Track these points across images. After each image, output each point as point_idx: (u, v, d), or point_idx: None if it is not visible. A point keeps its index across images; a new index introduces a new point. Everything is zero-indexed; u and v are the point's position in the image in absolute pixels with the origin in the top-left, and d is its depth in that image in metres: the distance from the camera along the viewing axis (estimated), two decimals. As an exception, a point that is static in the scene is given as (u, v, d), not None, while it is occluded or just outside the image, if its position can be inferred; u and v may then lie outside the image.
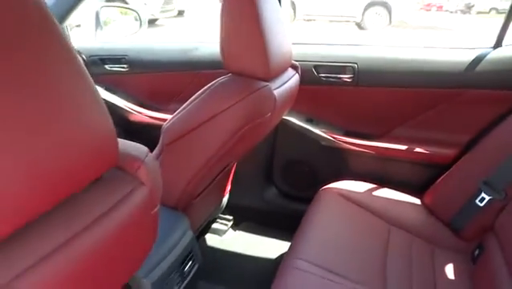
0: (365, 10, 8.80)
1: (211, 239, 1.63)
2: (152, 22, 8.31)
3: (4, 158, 0.33)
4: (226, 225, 1.68)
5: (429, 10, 14.68)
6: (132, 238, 0.51)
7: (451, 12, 14.51)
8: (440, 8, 14.84)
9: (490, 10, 13.48)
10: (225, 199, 1.58)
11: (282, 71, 1.11)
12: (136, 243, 0.54)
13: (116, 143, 0.46)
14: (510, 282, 0.92)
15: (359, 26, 9.00)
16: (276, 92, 1.03)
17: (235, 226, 1.71)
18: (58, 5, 1.41)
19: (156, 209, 0.55)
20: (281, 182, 1.66)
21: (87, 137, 0.41)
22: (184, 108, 0.99)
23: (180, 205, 1.08)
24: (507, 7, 1.26)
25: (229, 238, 1.65)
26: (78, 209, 0.43)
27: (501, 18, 1.29)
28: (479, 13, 13.72)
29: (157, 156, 1.02)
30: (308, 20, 9.40)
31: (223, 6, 0.95)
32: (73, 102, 0.39)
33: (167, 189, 0.99)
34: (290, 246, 1.11)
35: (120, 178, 0.49)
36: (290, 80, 1.15)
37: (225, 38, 0.97)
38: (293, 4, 8.84)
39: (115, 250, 0.48)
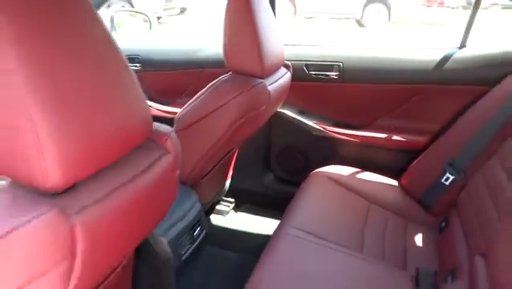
0: (365, 7, 8.93)
1: (215, 219, 1.84)
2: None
3: (81, 125, 0.52)
4: (229, 206, 1.88)
5: (430, 6, 14.74)
6: (160, 191, 0.71)
7: (452, 8, 14.56)
8: (441, 4, 14.88)
9: (491, 5, 13.57)
10: (228, 183, 1.78)
11: (276, 69, 1.31)
12: (163, 196, 0.74)
13: (151, 121, 0.66)
14: (466, 249, 1.11)
15: (359, 23, 9.14)
16: (270, 88, 1.23)
17: (237, 208, 1.91)
18: None
19: (177, 172, 0.75)
20: (277, 168, 1.86)
21: (132, 114, 0.60)
22: (192, 102, 1.19)
23: (189, 183, 1.28)
24: (508, 2, 1.45)
25: (231, 218, 1.85)
26: (126, 166, 0.63)
27: (504, 14, 1.47)
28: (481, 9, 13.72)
29: None
30: (309, 18, 9.54)
31: (225, 14, 1.15)
32: (122, 89, 0.58)
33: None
34: (282, 218, 1.30)
35: (153, 147, 0.68)
36: (282, 77, 1.35)
37: (226, 42, 1.17)
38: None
39: (150, 198, 0.68)
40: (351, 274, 1.09)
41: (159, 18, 8.72)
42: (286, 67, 1.43)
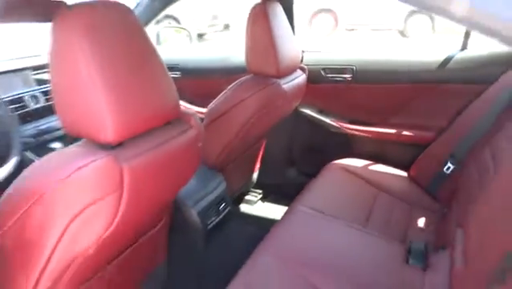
0: (407, 17, 8.90)
1: (244, 207, 2.06)
2: (200, 36, 8.97)
3: (131, 102, 0.76)
4: (256, 197, 2.10)
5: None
6: (186, 155, 0.94)
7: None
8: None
9: None
10: (255, 176, 2.00)
11: (291, 71, 1.53)
12: (188, 160, 0.97)
13: (179, 105, 0.90)
14: (459, 230, 1.23)
15: (402, 33, 9.11)
16: (285, 86, 1.44)
17: (264, 199, 2.12)
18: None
19: (200, 144, 0.98)
20: (299, 163, 2.06)
21: (165, 99, 0.85)
22: (218, 99, 1.44)
23: (217, 167, 1.52)
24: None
25: (258, 207, 2.07)
26: (160, 133, 0.86)
27: None
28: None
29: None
30: (350, 30, 9.64)
31: (247, 25, 1.39)
32: (159, 81, 0.83)
33: (207, 154, 1.44)
34: (296, 198, 1.50)
35: (180, 123, 0.92)
36: (297, 78, 1.56)
37: (247, 49, 1.41)
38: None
39: (178, 158, 0.91)
40: (350, 242, 1.26)
41: (204, 34, 9.22)
42: (302, 69, 1.64)
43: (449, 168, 1.48)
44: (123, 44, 0.76)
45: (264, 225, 1.37)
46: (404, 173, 1.69)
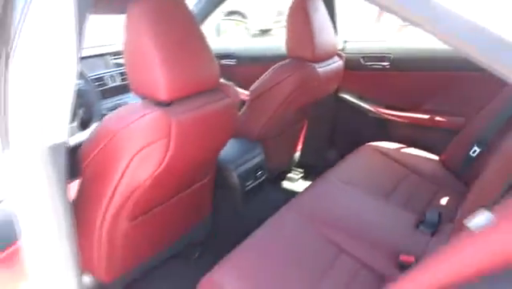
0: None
1: (286, 184, 2.26)
2: (266, 31, 9.22)
3: (181, 68, 1.00)
4: (298, 175, 2.29)
5: None
6: (223, 118, 1.16)
7: None
8: None
9: None
10: (297, 155, 2.19)
11: (327, 57, 1.69)
12: (225, 123, 1.19)
13: (219, 75, 1.13)
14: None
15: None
16: (320, 70, 1.62)
17: (304, 178, 2.31)
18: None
19: (236, 111, 1.20)
20: (339, 145, 2.21)
21: (208, 70, 1.08)
22: (260, 79, 1.65)
23: (258, 142, 1.74)
24: None
25: (299, 184, 2.26)
26: (202, 97, 1.09)
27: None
28: None
29: (247, 107, 1.71)
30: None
31: (288, 14, 1.58)
32: (203, 55, 1.06)
33: (251, 128, 1.67)
34: (327, 171, 1.66)
35: (219, 92, 1.14)
36: (333, 64, 1.73)
37: (287, 35, 1.60)
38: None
39: (217, 120, 1.13)
40: (370, 209, 1.39)
41: (269, 30, 9.47)
42: (340, 56, 1.80)
43: (475, 151, 1.56)
44: (176, 27, 1.00)
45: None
46: (435, 157, 1.77)
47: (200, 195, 1.43)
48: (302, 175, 2.31)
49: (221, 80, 1.17)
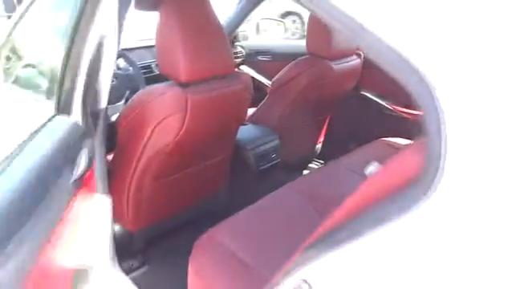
0: None
1: (306, 173, 2.44)
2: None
3: (200, 54, 1.23)
4: (318, 165, 2.46)
5: None
6: (234, 101, 1.38)
7: None
8: None
9: None
10: (319, 147, 2.36)
11: (345, 55, 1.86)
12: (237, 106, 1.41)
13: (234, 62, 1.34)
14: None
15: None
16: (336, 67, 1.79)
17: (325, 169, 2.47)
18: (232, 20, 2.42)
19: (247, 96, 1.42)
20: (360, 139, 2.35)
21: (224, 56, 1.30)
22: (280, 73, 1.86)
23: (277, 129, 1.93)
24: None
25: None
26: (217, 81, 1.30)
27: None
28: None
29: (267, 97, 1.92)
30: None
31: (309, 16, 1.77)
32: (220, 43, 1.29)
33: (270, 116, 1.88)
34: (335, 159, 1.82)
35: (233, 78, 1.37)
36: (350, 62, 1.88)
37: (308, 32, 1.79)
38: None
39: (229, 102, 1.35)
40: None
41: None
42: (358, 55, 1.95)
43: None
44: (198, 20, 1.24)
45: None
46: None
47: (216, 169, 1.66)
48: (322, 166, 2.47)
49: (241, 69, 1.39)
